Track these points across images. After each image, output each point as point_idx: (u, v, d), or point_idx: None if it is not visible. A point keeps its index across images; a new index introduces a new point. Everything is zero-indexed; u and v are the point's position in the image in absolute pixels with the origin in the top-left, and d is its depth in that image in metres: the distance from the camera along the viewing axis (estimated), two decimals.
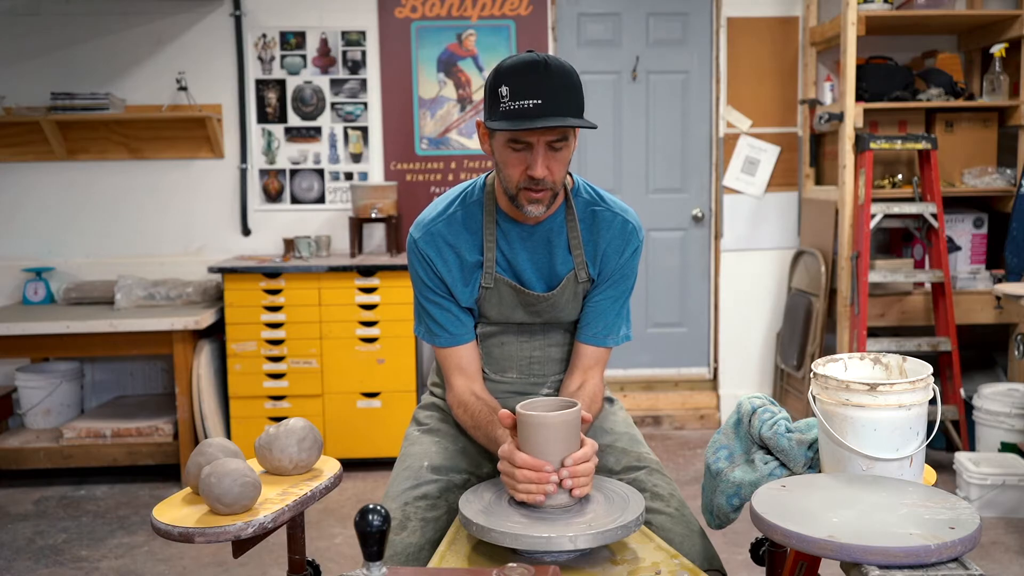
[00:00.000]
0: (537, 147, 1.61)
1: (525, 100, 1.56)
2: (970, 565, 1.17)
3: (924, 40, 4.50)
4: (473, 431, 1.78)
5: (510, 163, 1.65)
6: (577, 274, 1.80)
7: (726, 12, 4.59)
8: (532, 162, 1.62)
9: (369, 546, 1.23)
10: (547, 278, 1.80)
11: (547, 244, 1.79)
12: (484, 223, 1.77)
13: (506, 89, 1.58)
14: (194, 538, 1.40)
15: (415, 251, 1.79)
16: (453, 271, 1.78)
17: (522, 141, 1.62)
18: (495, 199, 1.78)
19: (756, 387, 4.77)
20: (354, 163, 4.59)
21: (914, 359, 1.52)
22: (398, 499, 1.74)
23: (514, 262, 1.79)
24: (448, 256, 1.77)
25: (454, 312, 1.81)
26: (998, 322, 4.17)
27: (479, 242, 1.78)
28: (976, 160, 4.21)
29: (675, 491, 1.79)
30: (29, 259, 4.52)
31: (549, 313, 1.83)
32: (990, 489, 3.40)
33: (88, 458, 3.95)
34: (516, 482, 1.50)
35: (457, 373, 1.83)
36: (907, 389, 1.41)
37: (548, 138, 1.61)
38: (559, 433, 1.51)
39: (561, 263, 1.79)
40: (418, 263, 1.79)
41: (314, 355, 4.07)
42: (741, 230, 4.69)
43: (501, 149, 1.66)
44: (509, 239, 1.78)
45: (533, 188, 1.65)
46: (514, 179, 1.66)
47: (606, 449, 1.85)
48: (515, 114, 1.57)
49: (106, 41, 4.46)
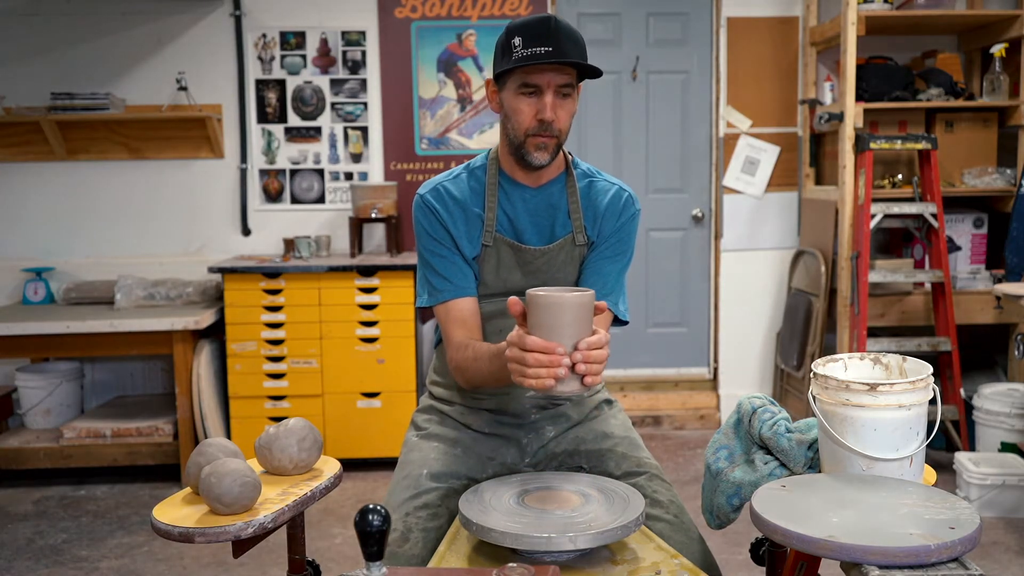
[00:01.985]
0: (547, 91, 1.72)
1: (537, 47, 1.68)
2: (970, 565, 1.17)
3: (924, 40, 4.50)
4: (474, 364, 1.71)
5: (520, 110, 1.74)
6: (575, 236, 1.85)
7: (726, 12, 4.59)
8: (543, 105, 1.72)
9: (369, 546, 1.23)
10: (546, 239, 1.86)
11: (548, 207, 1.86)
12: (487, 184, 1.85)
13: (519, 39, 1.69)
14: (194, 538, 1.40)
15: (422, 206, 1.84)
16: (458, 224, 1.83)
17: (532, 85, 1.72)
18: (499, 164, 1.86)
19: (756, 387, 4.77)
20: (354, 163, 4.59)
21: (914, 359, 1.52)
22: (399, 509, 1.73)
23: (516, 221, 1.85)
24: (453, 210, 1.83)
25: (458, 263, 1.83)
26: (998, 322, 4.17)
27: (482, 202, 1.85)
28: (976, 160, 4.21)
29: (675, 497, 1.78)
30: (29, 259, 4.52)
31: (545, 273, 1.85)
32: (990, 489, 3.41)
33: (88, 458, 3.95)
34: (526, 367, 1.43)
35: (458, 326, 1.80)
36: (907, 389, 1.41)
37: (558, 81, 1.72)
38: (572, 315, 1.43)
39: (561, 226, 1.86)
40: (424, 216, 1.84)
41: (314, 355, 4.07)
42: (741, 230, 4.69)
43: (511, 98, 1.75)
44: (512, 199, 1.85)
45: (542, 133, 1.74)
46: (523, 125, 1.74)
47: (606, 453, 1.85)
48: (528, 58, 1.68)
49: (106, 41, 4.47)
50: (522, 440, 1.87)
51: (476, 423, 1.88)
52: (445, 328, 1.83)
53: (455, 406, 1.92)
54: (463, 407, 1.91)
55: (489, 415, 1.88)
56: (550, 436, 1.88)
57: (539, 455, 1.87)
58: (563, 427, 1.89)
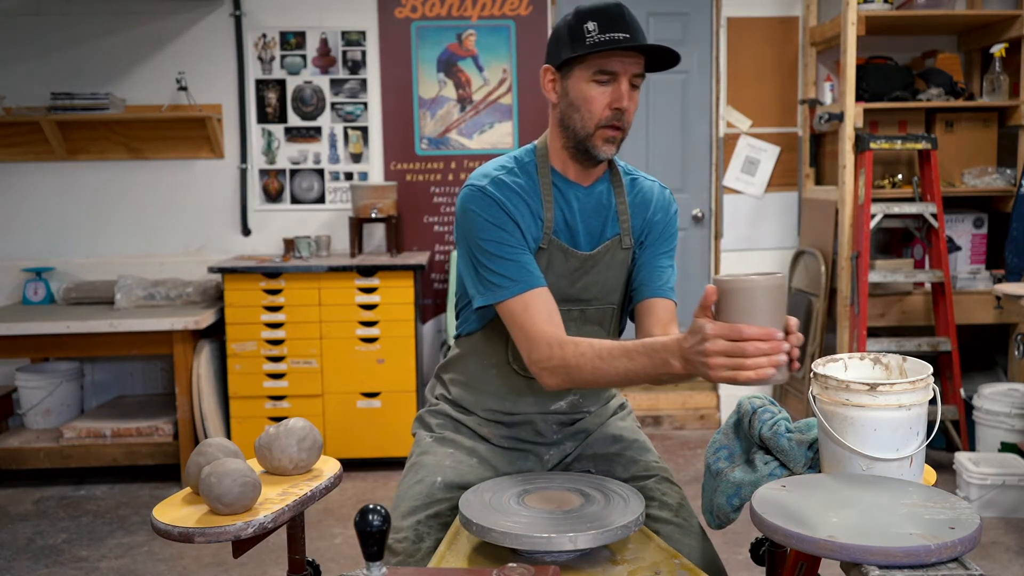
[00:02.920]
0: (623, 78, 1.65)
1: (615, 32, 1.61)
2: (970, 565, 1.17)
3: (924, 40, 4.50)
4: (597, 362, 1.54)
5: (593, 98, 1.66)
6: (622, 239, 1.78)
7: (726, 12, 4.59)
8: (619, 94, 1.65)
9: (369, 546, 1.23)
10: (596, 241, 1.78)
11: (598, 207, 1.78)
12: (540, 182, 1.74)
13: (593, 24, 1.62)
14: (194, 538, 1.40)
15: (481, 197, 1.68)
16: (525, 217, 1.70)
17: (609, 72, 1.64)
18: (548, 160, 1.76)
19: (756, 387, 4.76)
20: (354, 163, 4.59)
21: (914, 359, 1.52)
22: (410, 516, 1.70)
23: (571, 222, 1.75)
24: (517, 203, 1.70)
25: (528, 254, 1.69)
26: (998, 322, 4.17)
27: (539, 199, 1.73)
28: (976, 160, 4.21)
29: (684, 500, 1.76)
30: (29, 259, 4.52)
31: (589, 277, 1.77)
32: (990, 489, 3.41)
33: (88, 458, 3.95)
34: (746, 357, 1.32)
35: (543, 320, 1.63)
36: (907, 389, 1.40)
37: (634, 70, 1.66)
38: (777, 299, 1.35)
39: (610, 227, 1.78)
40: (484, 208, 1.67)
41: (314, 355, 4.07)
42: (741, 230, 4.69)
43: (582, 86, 1.66)
44: (567, 198, 1.75)
45: (614, 124, 1.67)
46: (595, 115, 1.66)
47: (614, 458, 1.83)
48: (606, 44, 1.60)
49: (106, 41, 4.47)
50: (544, 456, 1.84)
51: (494, 437, 1.83)
52: (522, 323, 1.64)
53: (472, 415, 1.85)
54: (480, 418, 1.84)
55: (508, 429, 1.83)
56: (570, 451, 1.86)
57: (556, 469, 1.85)
58: (581, 440, 1.87)
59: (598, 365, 1.54)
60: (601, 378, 1.56)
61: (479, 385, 1.84)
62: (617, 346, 1.53)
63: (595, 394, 1.86)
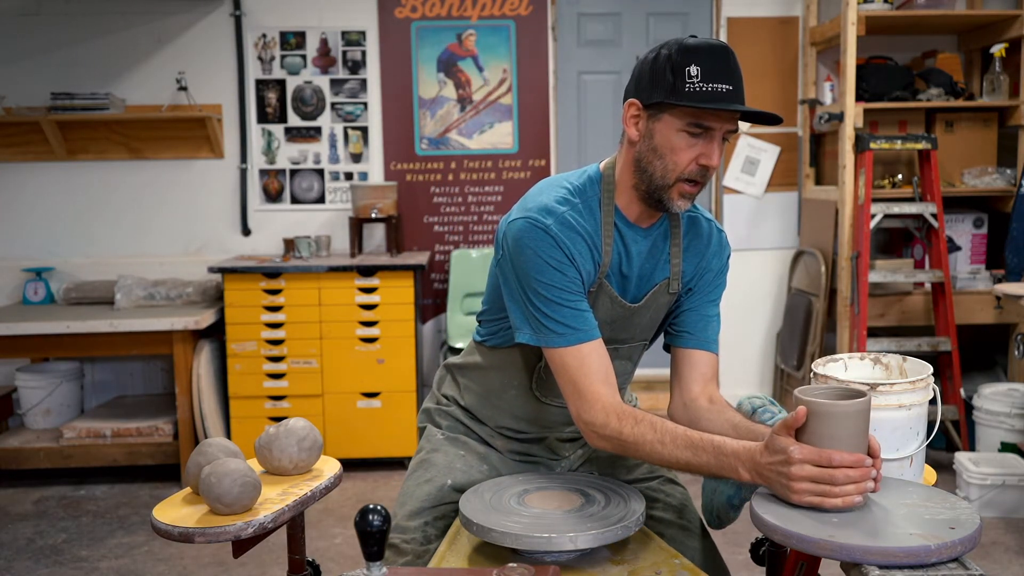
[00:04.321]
0: (716, 134, 1.53)
1: (718, 84, 1.48)
2: (970, 565, 1.17)
3: (924, 40, 4.50)
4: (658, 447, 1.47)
5: (680, 149, 1.53)
6: (670, 284, 1.69)
7: (726, 12, 4.59)
8: (709, 150, 1.53)
9: (369, 546, 1.23)
10: (645, 288, 1.69)
11: (654, 249, 1.68)
12: (603, 221, 1.62)
13: (696, 69, 1.48)
14: (194, 538, 1.40)
15: (546, 235, 1.56)
16: (586, 261, 1.60)
17: (703, 126, 1.51)
18: (613, 198, 1.64)
19: (756, 387, 4.76)
20: (354, 163, 4.59)
21: (914, 359, 1.52)
22: (417, 517, 1.69)
23: (625, 268, 1.66)
24: (579, 245, 1.59)
25: (585, 303, 1.59)
26: (998, 322, 4.17)
27: (598, 239, 1.62)
28: (976, 160, 4.21)
29: (688, 502, 1.75)
30: (29, 259, 4.52)
31: (629, 329, 1.71)
32: (990, 489, 3.40)
33: (88, 458, 3.95)
34: (834, 484, 1.26)
35: (600, 381, 1.55)
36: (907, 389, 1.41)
37: (730, 127, 1.53)
38: (866, 423, 1.29)
39: (660, 271, 1.69)
40: (547, 250, 1.55)
41: (314, 355, 4.07)
42: (741, 230, 4.69)
43: (671, 134, 1.53)
44: (626, 241, 1.65)
45: (696, 179, 1.55)
46: (680, 166, 1.54)
47: (617, 460, 1.82)
48: (707, 96, 1.48)
49: (106, 41, 4.46)
50: (555, 469, 1.83)
51: (506, 450, 1.82)
52: (575, 379, 1.55)
53: (484, 426, 1.83)
54: (492, 430, 1.82)
55: (519, 444, 1.82)
56: (579, 462, 1.85)
57: None
58: (591, 451, 1.85)
59: (657, 450, 1.47)
60: (656, 460, 1.49)
61: (496, 401, 1.80)
62: (681, 435, 1.45)
63: None
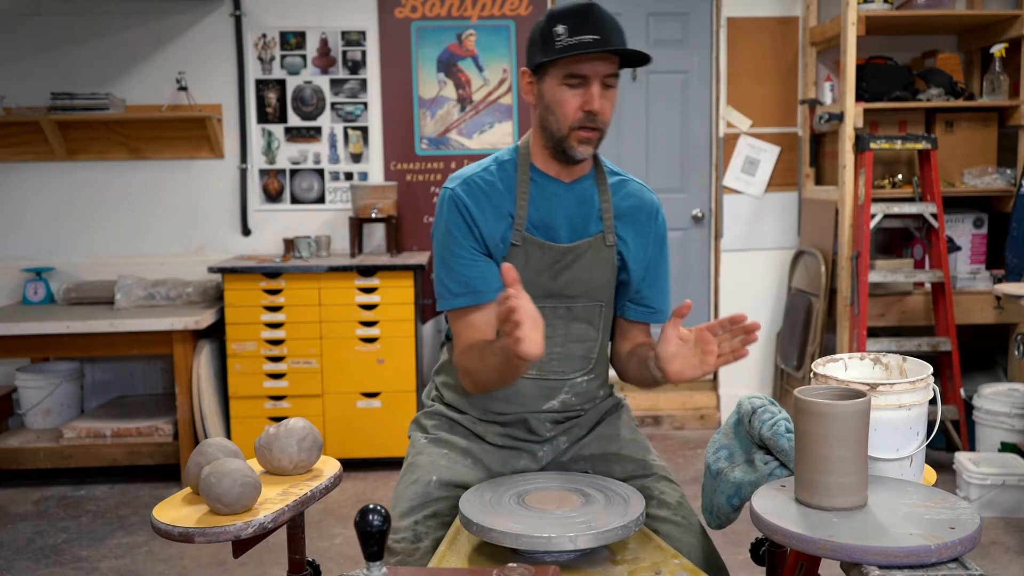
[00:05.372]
0: (594, 80, 1.66)
1: (583, 35, 1.62)
2: (970, 565, 1.17)
3: (924, 40, 4.50)
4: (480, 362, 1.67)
5: (564, 101, 1.68)
6: (605, 236, 1.79)
7: (726, 12, 4.59)
8: (590, 96, 1.66)
9: (369, 546, 1.23)
10: (579, 236, 1.79)
11: (582, 203, 1.79)
12: (518, 180, 1.77)
13: (563, 27, 1.63)
14: (194, 538, 1.40)
15: (451, 200, 1.75)
16: (488, 221, 1.75)
17: (579, 75, 1.66)
18: (529, 158, 1.79)
19: (756, 387, 4.77)
20: (354, 163, 4.59)
21: (914, 359, 1.52)
22: (408, 516, 1.70)
23: (548, 218, 1.77)
24: (484, 206, 1.75)
25: (480, 266, 1.74)
26: (998, 322, 4.17)
27: (513, 197, 1.77)
28: (976, 160, 4.21)
29: (683, 499, 1.76)
30: (29, 259, 4.52)
31: (572, 273, 1.78)
32: (990, 489, 3.41)
33: (88, 458, 3.95)
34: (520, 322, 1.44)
35: (471, 332, 1.74)
36: (907, 389, 1.41)
37: (605, 71, 1.67)
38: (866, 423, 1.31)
39: (594, 224, 1.80)
40: (451, 213, 1.75)
41: (314, 355, 4.07)
42: (741, 230, 4.69)
43: (554, 89, 1.68)
44: (545, 194, 1.78)
45: (588, 125, 1.68)
46: (568, 117, 1.68)
47: (611, 457, 1.83)
48: (574, 48, 1.62)
49: (106, 41, 4.46)
50: (537, 453, 1.84)
51: (488, 435, 1.83)
52: (457, 333, 1.77)
53: (466, 415, 1.86)
54: (475, 418, 1.85)
55: (502, 428, 1.83)
56: (563, 448, 1.85)
57: (551, 467, 1.85)
58: (577, 436, 1.86)
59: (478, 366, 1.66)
60: (484, 377, 1.67)
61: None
62: (487, 346, 1.65)
63: (587, 393, 1.86)
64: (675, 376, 1.62)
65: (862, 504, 1.29)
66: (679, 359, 1.61)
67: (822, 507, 1.28)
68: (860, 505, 1.29)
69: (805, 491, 1.30)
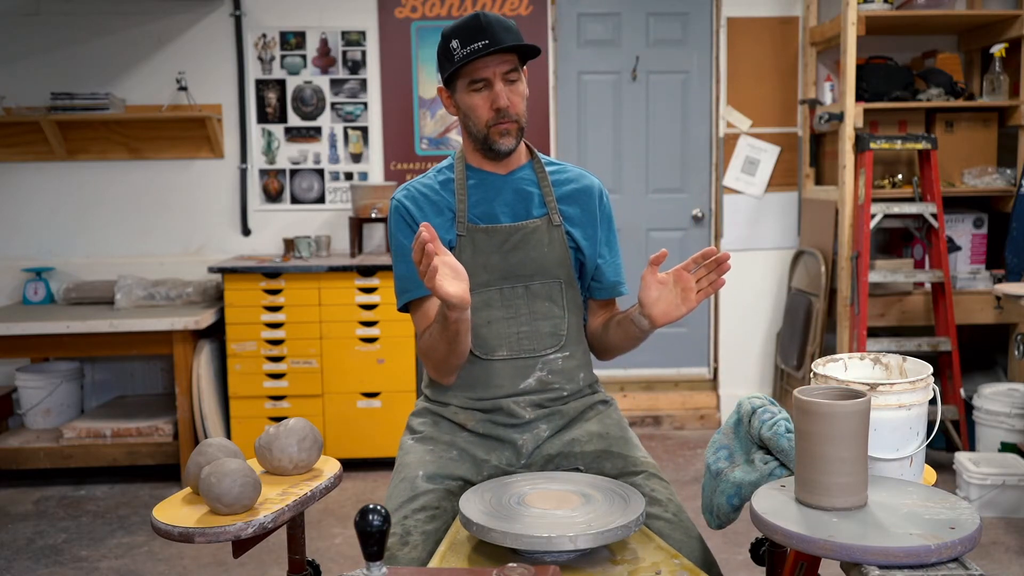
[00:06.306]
0: (495, 80, 1.80)
1: (474, 43, 1.76)
2: (970, 565, 1.17)
3: (924, 40, 4.50)
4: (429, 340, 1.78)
5: (476, 105, 1.82)
6: (551, 217, 1.90)
7: (726, 12, 4.59)
8: (494, 94, 1.80)
9: (369, 546, 1.23)
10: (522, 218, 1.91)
11: (520, 191, 1.92)
12: (456, 180, 1.92)
13: (456, 41, 1.79)
14: (194, 538, 1.40)
15: (395, 210, 1.93)
16: (430, 220, 1.88)
17: (480, 79, 1.80)
18: (465, 160, 1.94)
19: (756, 387, 4.77)
20: (354, 163, 4.59)
21: (914, 359, 1.52)
22: (397, 512, 1.73)
23: (489, 208, 1.90)
24: (425, 207, 1.90)
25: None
26: (998, 322, 4.17)
27: (453, 195, 1.91)
28: (976, 160, 4.21)
29: (673, 496, 1.77)
30: (29, 259, 4.52)
31: (523, 252, 1.87)
32: (990, 489, 3.41)
33: (88, 458, 3.95)
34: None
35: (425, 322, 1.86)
36: (907, 389, 1.41)
37: (502, 69, 1.80)
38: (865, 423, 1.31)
39: (536, 208, 1.92)
40: (397, 220, 1.92)
41: (314, 355, 4.07)
42: (741, 230, 4.69)
43: (465, 97, 1.83)
44: (484, 186, 1.91)
45: (501, 121, 1.82)
46: (483, 118, 1.83)
47: (601, 454, 1.84)
48: (468, 56, 1.77)
49: (106, 41, 4.47)
50: (517, 442, 1.85)
51: (470, 422, 1.87)
52: (416, 327, 1.89)
53: (449, 406, 1.90)
54: (456, 407, 1.89)
55: (483, 415, 1.87)
56: (545, 436, 1.86)
57: (535, 456, 1.86)
58: (558, 425, 1.88)
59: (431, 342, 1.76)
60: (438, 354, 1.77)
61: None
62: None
63: (564, 372, 1.89)
64: (661, 318, 1.73)
65: (862, 504, 1.29)
66: (662, 301, 1.73)
67: (822, 507, 1.28)
68: (860, 505, 1.29)
69: (805, 491, 1.31)
